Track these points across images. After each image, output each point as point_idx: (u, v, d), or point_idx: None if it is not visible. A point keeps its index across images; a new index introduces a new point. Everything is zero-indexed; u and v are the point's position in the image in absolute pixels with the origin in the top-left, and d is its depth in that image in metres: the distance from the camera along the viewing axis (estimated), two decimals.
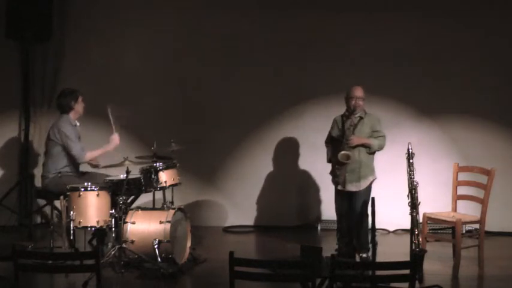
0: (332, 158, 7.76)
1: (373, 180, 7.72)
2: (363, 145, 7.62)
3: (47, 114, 9.18)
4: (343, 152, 7.54)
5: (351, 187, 7.65)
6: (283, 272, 5.30)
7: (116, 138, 7.84)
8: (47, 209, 8.51)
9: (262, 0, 9.27)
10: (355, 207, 7.66)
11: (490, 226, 7.95)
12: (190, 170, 8.86)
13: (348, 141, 7.56)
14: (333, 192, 7.82)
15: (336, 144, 7.73)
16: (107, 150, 7.87)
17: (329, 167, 7.83)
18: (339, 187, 7.71)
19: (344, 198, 7.75)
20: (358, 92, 7.73)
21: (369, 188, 7.69)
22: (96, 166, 8.01)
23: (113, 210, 7.23)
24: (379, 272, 5.36)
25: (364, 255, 7.66)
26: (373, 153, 7.73)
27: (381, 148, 7.71)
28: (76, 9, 9.31)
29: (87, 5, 9.32)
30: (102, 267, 5.86)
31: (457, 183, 7.70)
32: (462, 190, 7.72)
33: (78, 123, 7.95)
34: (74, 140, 7.75)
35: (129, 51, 9.32)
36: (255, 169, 9.31)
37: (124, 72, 9.31)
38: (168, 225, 7.22)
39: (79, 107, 7.90)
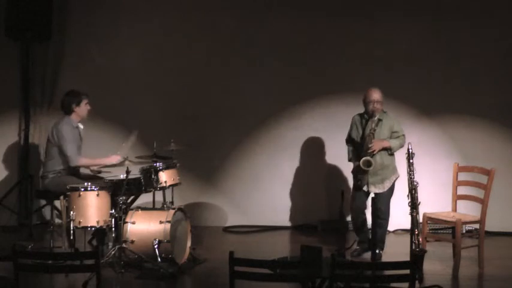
0: (354, 163, 7.71)
1: (396, 178, 7.74)
2: (384, 148, 7.62)
3: (47, 114, 9.17)
4: (364, 159, 7.51)
5: (375, 189, 7.66)
6: (283, 272, 5.30)
7: (116, 158, 7.65)
8: (47, 209, 8.51)
9: (263, 1, 9.26)
10: (379, 206, 7.65)
11: (490, 226, 7.95)
12: (190, 170, 8.86)
13: (369, 149, 7.53)
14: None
15: (356, 146, 7.71)
16: (103, 163, 7.72)
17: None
18: (364, 188, 7.68)
19: (365, 197, 7.74)
20: (376, 95, 7.65)
21: (391, 188, 7.72)
22: (98, 172, 7.95)
23: (113, 210, 7.23)
24: (379, 272, 5.37)
25: (381, 252, 7.72)
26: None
27: (401, 147, 7.70)
28: (76, 9, 9.30)
29: (87, 5, 9.31)
30: (102, 267, 5.85)
31: (457, 183, 7.69)
32: (462, 190, 7.72)
33: (81, 126, 7.89)
34: (69, 141, 7.67)
35: (129, 51, 9.30)
36: (255, 169, 9.30)
37: (124, 72, 9.30)
38: (168, 225, 7.22)
39: (81, 110, 7.81)
